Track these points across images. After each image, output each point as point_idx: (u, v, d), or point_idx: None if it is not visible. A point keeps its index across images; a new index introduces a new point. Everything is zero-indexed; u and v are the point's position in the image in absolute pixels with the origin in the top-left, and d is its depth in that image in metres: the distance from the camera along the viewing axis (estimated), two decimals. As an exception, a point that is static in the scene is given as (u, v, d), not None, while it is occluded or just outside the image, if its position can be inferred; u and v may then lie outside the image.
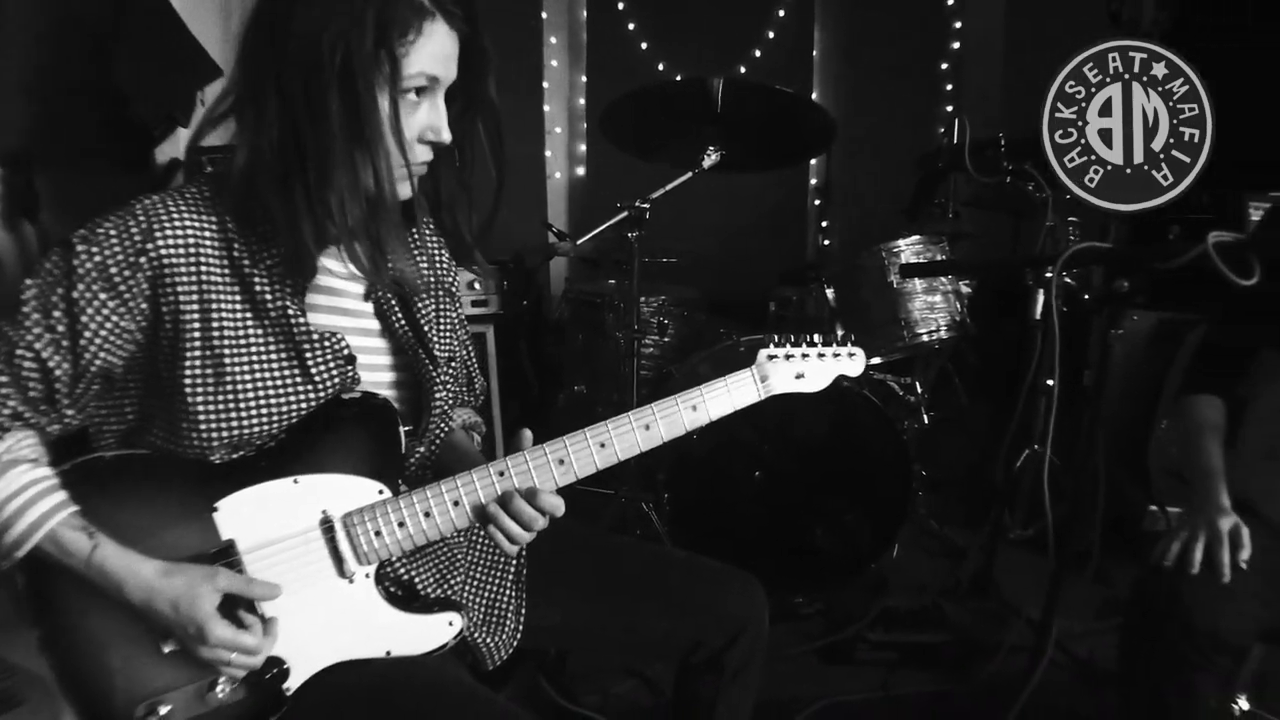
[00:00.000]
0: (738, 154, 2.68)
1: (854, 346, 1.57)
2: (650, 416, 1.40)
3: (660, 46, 4.90)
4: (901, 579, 3.02)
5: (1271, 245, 1.53)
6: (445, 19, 1.25)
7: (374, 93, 1.21)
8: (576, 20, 5.08)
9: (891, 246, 2.80)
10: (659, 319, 3.16)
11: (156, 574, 1.20)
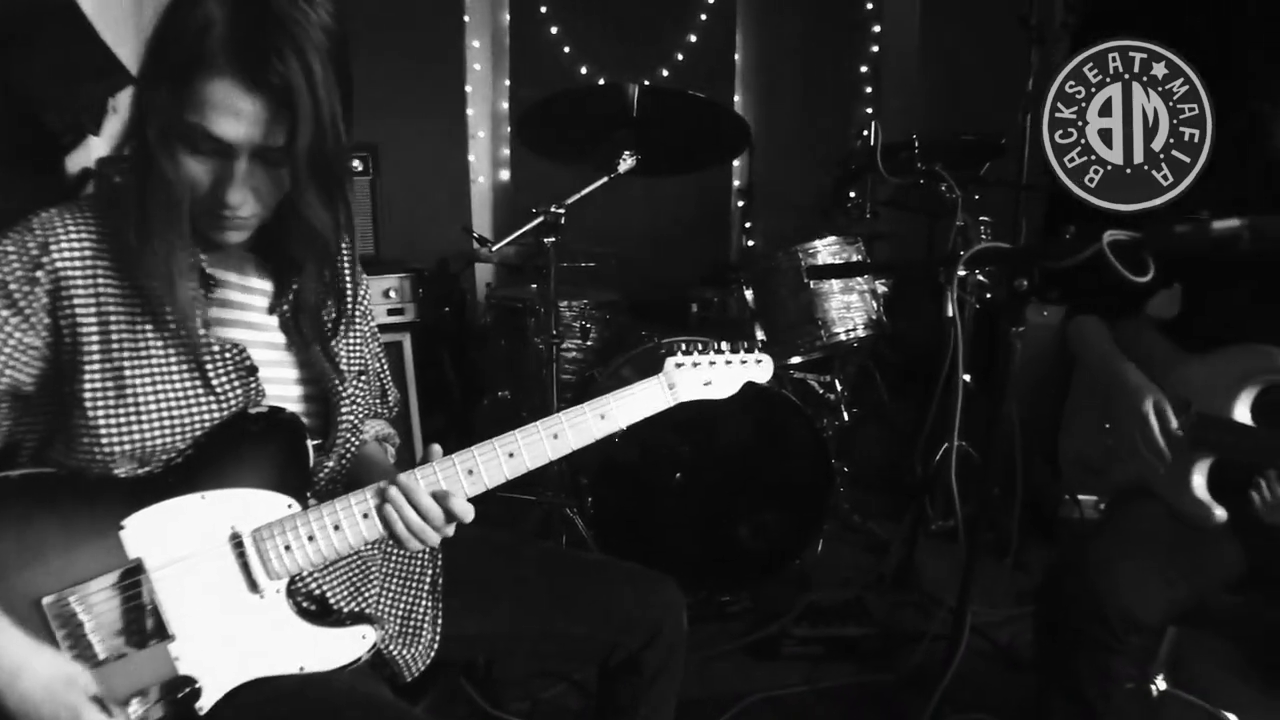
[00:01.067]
0: (654, 158, 2.70)
1: (761, 353, 1.59)
2: (559, 425, 1.41)
3: (583, 51, 4.91)
4: (826, 573, 3.07)
5: (1161, 239, 1.59)
6: (234, 76, 1.13)
7: (166, 144, 1.17)
8: (499, 24, 5.06)
9: (808, 247, 2.84)
10: (581, 323, 3.17)
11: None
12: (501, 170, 5.05)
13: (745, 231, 3.95)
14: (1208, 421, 1.85)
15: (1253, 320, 1.85)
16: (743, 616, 2.84)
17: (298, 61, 1.14)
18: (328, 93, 1.17)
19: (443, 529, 1.34)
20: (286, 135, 1.16)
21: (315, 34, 1.16)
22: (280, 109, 1.15)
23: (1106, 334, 2.12)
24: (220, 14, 1.13)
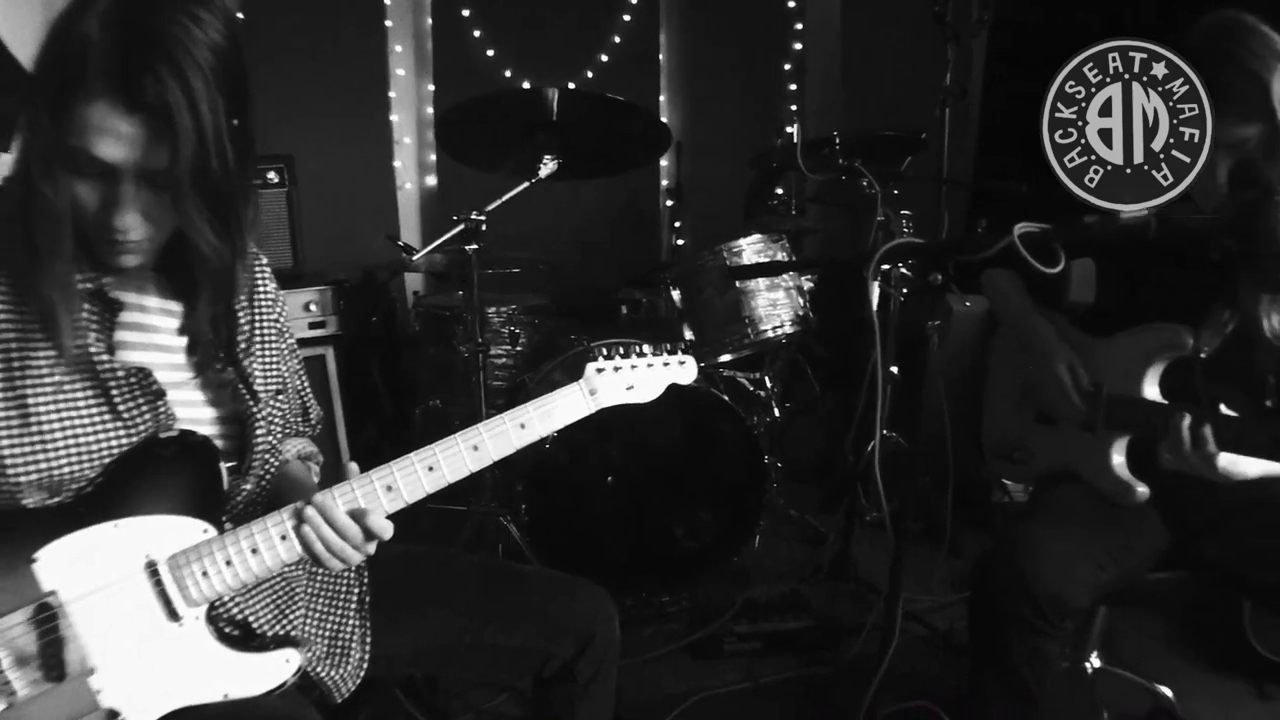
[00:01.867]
0: (575, 162, 2.69)
1: (685, 354, 1.59)
2: (478, 437, 1.40)
3: (506, 53, 4.87)
4: (764, 569, 3.10)
5: (1071, 231, 1.63)
6: (112, 97, 1.09)
7: (49, 167, 1.13)
8: (421, 29, 5.00)
9: (732, 246, 2.85)
10: (509, 328, 3.15)
11: None
12: (428, 176, 4.99)
13: (675, 231, 3.97)
14: (1119, 401, 1.90)
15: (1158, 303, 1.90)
16: (682, 616, 2.85)
17: (176, 80, 1.10)
18: (212, 111, 1.13)
19: (363, 548, 1.32)
20: (169, 156, 1.13)
21: (199, 51, 1.12)
22: (161, 130, 1.11)
23: (1021, 285, 2.19)
24: (98, 33, 1.09)
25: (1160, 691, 2.53)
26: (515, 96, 2.85)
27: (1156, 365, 1.89)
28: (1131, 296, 2.00)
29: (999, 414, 2.26)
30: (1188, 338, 1.82)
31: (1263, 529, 1.88)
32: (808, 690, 2.58)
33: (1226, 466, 1.73)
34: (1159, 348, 1.88)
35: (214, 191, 1.18)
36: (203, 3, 1.15)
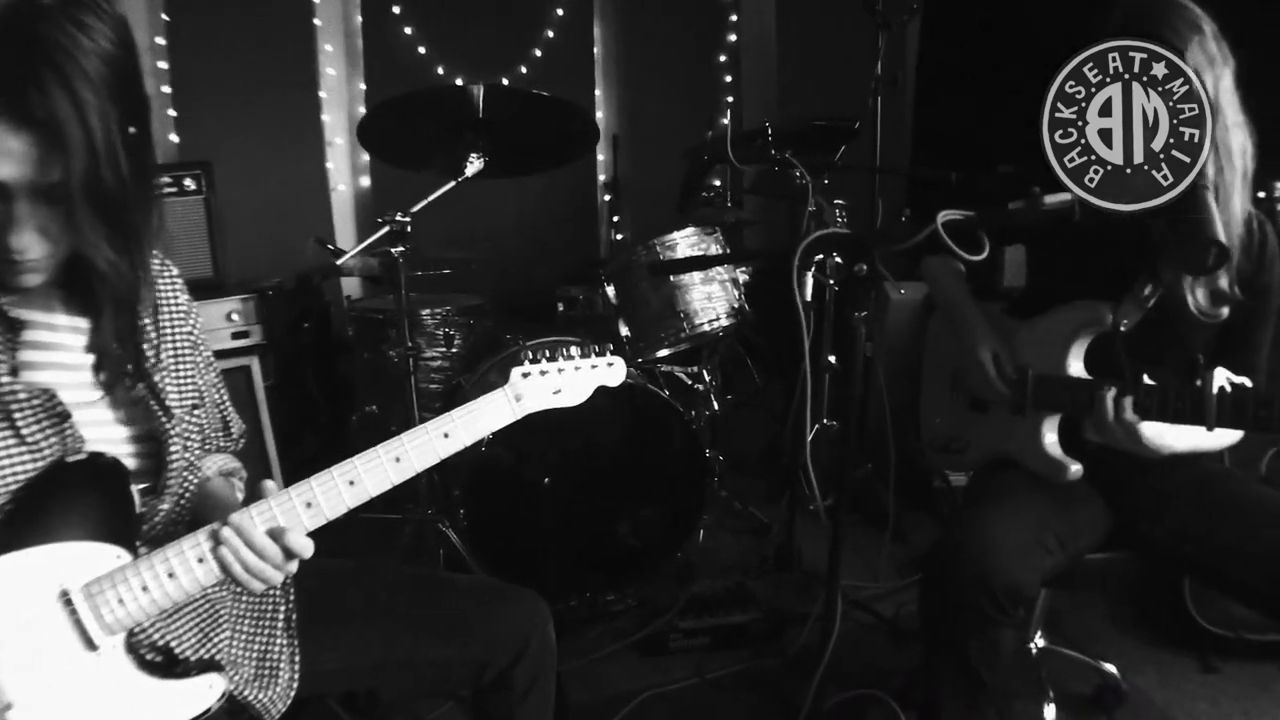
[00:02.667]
0: (503, 160, 2.65)
1: (613, 355, 1.57)
2: (401, 448, 1.37)
3: (438, 50, 4.82)
4: (710, 563, 3.09)
5: (996, 218, 1.63)
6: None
7: None
8: (352, 27, 4.93)
9: (666, 240, 2.84)
10: (444, 330, 3.10)
11: None
12: (362, 177, 4.92)
13: (614, 225, 3.94)
14: (1045, 381, 1.92)
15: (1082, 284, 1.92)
16: (629, 615, 2.83)
17: (63, 92, 1.06)
18: (103, 122, 1.09)
19: (283, 567, 1.28)
20: (61, 171, 1.08)
21: (87, 61, 1.08)
22: (51, 144, 1.07)
23: (957, 272, 2.21)
24: None
25: (1105, 669, 2.57)
26: (440, 94, 2.80)
27: (1079, 342, 1.91)
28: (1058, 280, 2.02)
29: (934, 402, 2.27)
30: (1106, 313, 1.84)
31: (1198, 508, 1.91)
32: (756, 683, 2.58)
33: (1151, 438, 1.75)
34: (1080, 325, 1.90)
35: (109, 204, 1.14)
36: (90, 9, 1.11)
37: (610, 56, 5.08)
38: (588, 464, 2.73)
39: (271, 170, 4.48)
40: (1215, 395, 1.62)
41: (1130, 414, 1.73)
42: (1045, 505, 1.91)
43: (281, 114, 4.58)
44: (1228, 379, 1.65)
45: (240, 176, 4.27)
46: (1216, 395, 1.62)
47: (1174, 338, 1.89)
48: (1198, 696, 2.57)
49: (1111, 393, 1.74)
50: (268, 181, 4.43)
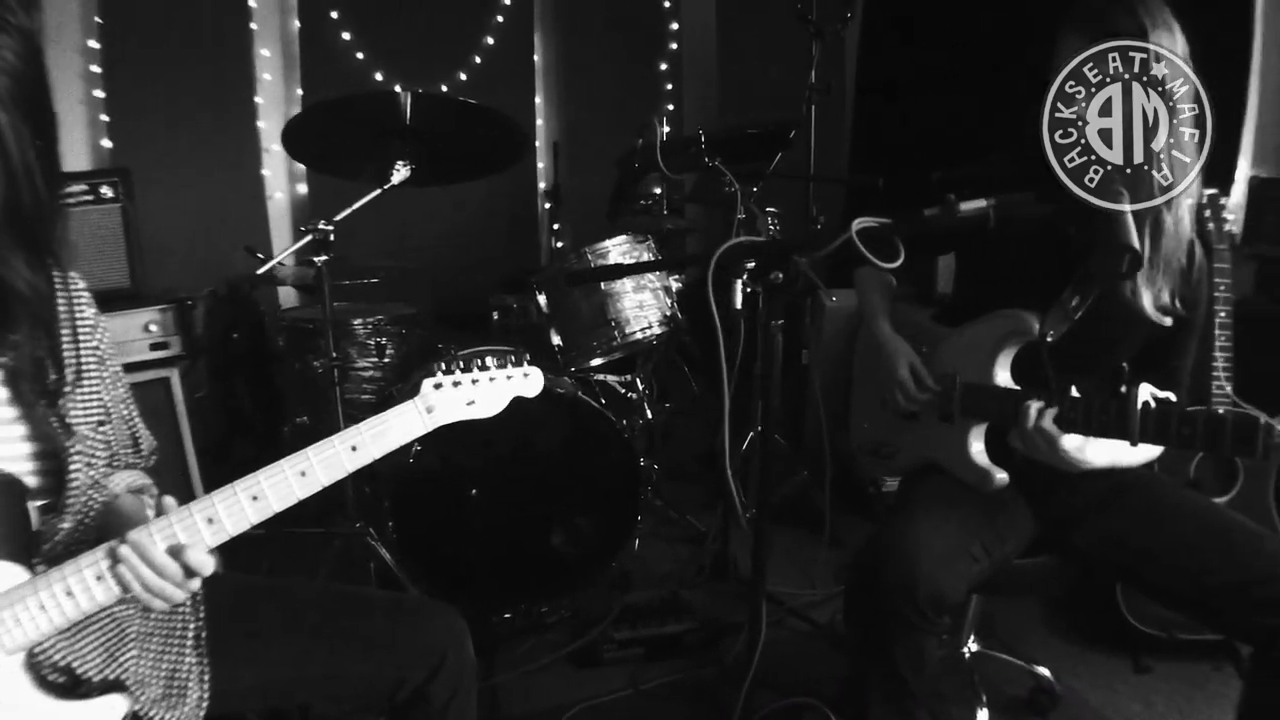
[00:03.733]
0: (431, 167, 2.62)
1: (530, 366, 1.55)
2: (306, 462, 1.34)
3: (377, 56, 4.76)
4: (646, 572, 3.07)
5: (911, 224, 1.63)
6: None
7: None
8: (289, 32, 4.86)
9: (598, 248, 2.82)
10: (376, 340, 3.06)
11: None
12: (299, 184, 4.84)
13: (554, 233, 3.92)
14: (972, 390, 1.92)
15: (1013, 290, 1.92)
16: (563, 626, 2.80)
17: None
18: (19, 143, 1.07)
19: (184, 585, 1.25)
20: None
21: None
22: None
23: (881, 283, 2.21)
24: None
25: (1039, 671, 2.58)
26: (367, 100, 2.75)
27: (1006, 352, 1.91)
28: (985, 287, 2.03)
29: (864, 409, 2.27)
30: (1033, 323, 1.83)
31: (1121, 514, 1.92)
32: (691, 693, 2.56)
33: (1071, 451, 1.75)
34: (1006, 334, 1.90)
35: (27, 225, 1.12)
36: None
37: (551, 64, 5.06)
38: (520, 474, 2.70)
39: (206, 177, 4.40)
40: (1139, 410, 1.62)
41: (1051, 426, 1.73)
42: (971, 512, 1.91)
43: (217, 119, 4.49)
44: (1152, 394, 1.66)
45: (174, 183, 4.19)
46: (1140, 410, 1.62)
47: (1102, 348, 1.91)
48: (1131, 697, 2.60)
49: (1036, 404, 1.75)
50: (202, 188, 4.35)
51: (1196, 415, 1.59)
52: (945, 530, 1.83)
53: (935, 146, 3.92)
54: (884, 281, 2.22)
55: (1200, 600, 1.85)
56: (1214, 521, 1.86)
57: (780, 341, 1.69)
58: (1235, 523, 1.86)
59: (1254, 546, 1.77)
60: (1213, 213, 2.55)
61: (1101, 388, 1.74)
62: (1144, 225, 1.80)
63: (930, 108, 4.00)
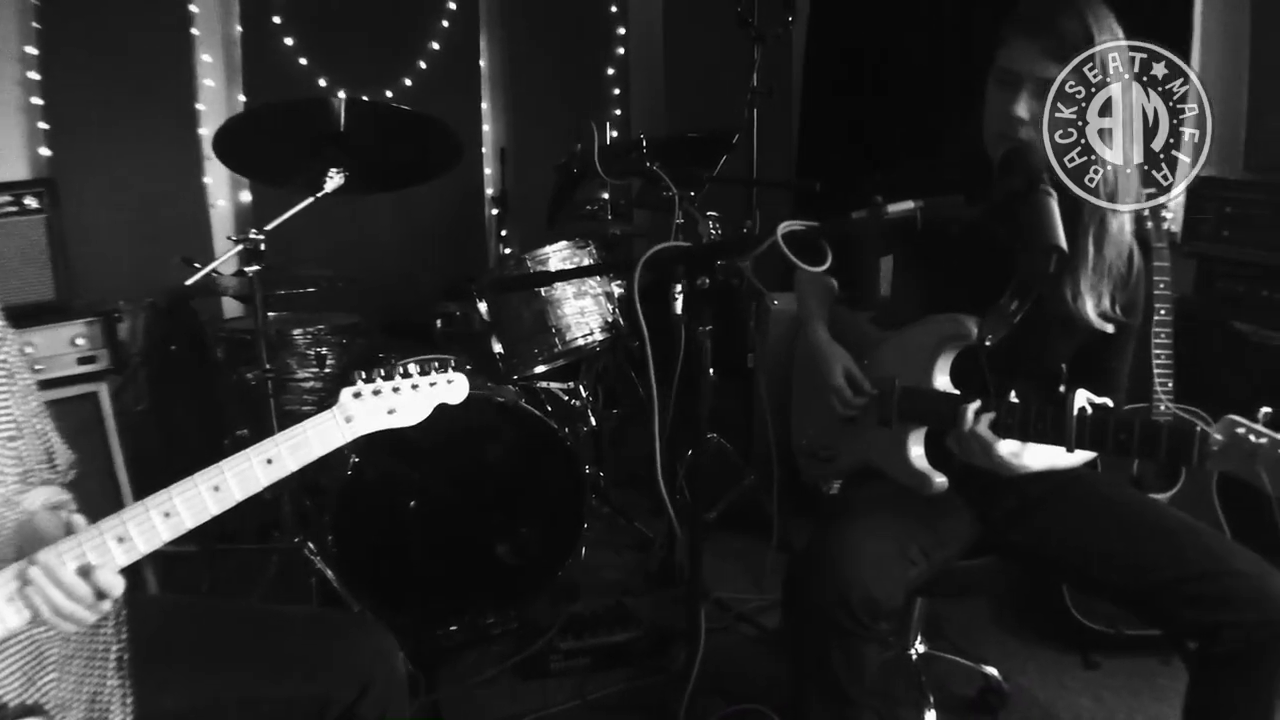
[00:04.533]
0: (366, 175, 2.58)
1: (455, 372, 1.52)
2: (220, 476, 1.31)
3: (320, 62, 4.69)
4: (594, 580, 3.04)
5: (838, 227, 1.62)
6: None
7: None
8: (230, 36, 4.78)
9: (538, 254, 2.79)
10: (316, 350, 3.01)
11: None
12: (242, 192, 4.76)
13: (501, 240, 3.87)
14: (910, 393, 1.91)
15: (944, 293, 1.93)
16: (509, 637, 2.76)
17: None
18: None
19: (95, 607, 1.22)
20: None
21: None
22: None
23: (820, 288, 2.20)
24: None
25: (987, 671, 2.59)
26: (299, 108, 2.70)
27: (945, 356, 1.91)
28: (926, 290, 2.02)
29: (804, 413, 2.27)
30: (971, 327, 1.83)
31: (1061, 514, 1.93)
32: (639, 702, 2.54)
33: (1007, 456, 1.75)
34: (944, 338, 1.89)
35: None
36: None
37: (497, 69, 5.01)
38: (463, 484, 2.67)
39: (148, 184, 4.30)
40: (1075, 416, 1.62)
41: (987, 431, 1.73)
42: (910, 516, 1.90)
43: (158, 126, 4.40)
44: (1088, 400, 1.66)
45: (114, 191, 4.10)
46: (1077, 417, 1.62)
47: (1041, 352, 1.91)
48: (1080, 693, 2.62)
49: (973, 408, 1.74)
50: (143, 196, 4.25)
51: (1133, 422, 1.60)
52: (881, 535, 1.82)
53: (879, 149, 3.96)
54: (823, 285, 2.21)
55: (1141, 598, 1.86)
56: (1152, 519, 1.87)
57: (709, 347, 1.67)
58: (1174, 520, 1.88)
59: (1192, 543, 1.78)
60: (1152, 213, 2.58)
61: (1039, 392, 1.75)
62: (1089, 231, 1.81)
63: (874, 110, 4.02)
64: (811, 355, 2.12)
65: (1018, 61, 1.72)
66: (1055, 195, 1.59)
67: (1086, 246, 1.80)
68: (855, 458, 2.09)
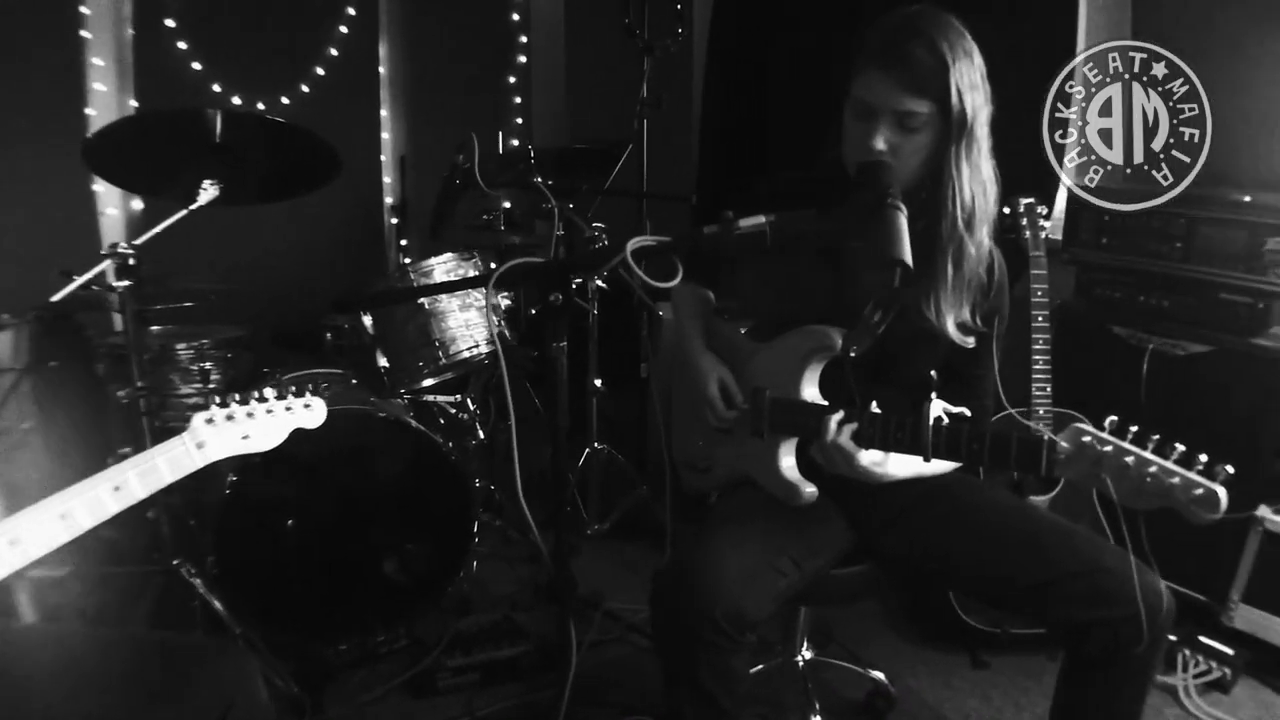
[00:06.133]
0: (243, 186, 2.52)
1: (313, 397, 1.51)
2: (67, 504, 1.29)
3: (214, 67, 4.58)
4: (486, 594, 3.01)
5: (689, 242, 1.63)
6: None
7: None
8: (123, 40, 4.64)
9: (422, 266, 2.76)
10: (199, 365, 2.93)
11: None
12: (134, 201, 4.63)
13: (401, 250, 3.83)
14: (779, 405, 1.93)
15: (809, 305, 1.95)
16: (400, 655, 2.72)
17: None
18: None
19: None
20: None
21: None
22: None
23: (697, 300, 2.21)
24: None
25: (873, 675, 2.63)
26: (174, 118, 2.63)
27: (813, 367, 1.93)
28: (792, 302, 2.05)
29: (683, 423, 2.27)
30: (836, 338, 1.85)
31: (930, 519, 1.96)
32: (530, 715, 2.52)
33: (869, 466, 1.78)
34: (810, 350, 1.91)
35: None
36: None
37: (397, 76, 4.95)
38: (347, 501, 2.62)
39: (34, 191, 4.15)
40: (931, 427, 1.65)
41: (848, 442, 1.75)
42: (781, 526, 1.91)
43: (45, 132, 4.25)
44: (945, 409, 1.69)
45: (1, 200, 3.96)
46: (932, 427, 1.65)
47: (906, 362, 1.94)
48: (969, 694, 2.67)
49: (836, 419, 1.76)
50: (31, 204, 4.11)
51: (984, 433, 1.63)
52: (747, 546, 1.83)
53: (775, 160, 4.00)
54: (699, 297, 2.22)
55: (1013, 601, 1.90)
56: (1019, 522, 1.90)
57: (564, 363, 1.66)
58: (1043, 521, 1.91)
59: (1060, 544, 1.81)
60: (1029, 221, 2.64)
61: (902, 402, 1.78)
62: (948, 250, 1.84)
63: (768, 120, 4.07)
64: (686, 368, 2.14)
65: (873, 94, 1.75)
66: (904, 211, 1.62)
67: (945, 264, 1.84)
68: (731, 469, 2.11)
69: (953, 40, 1.73)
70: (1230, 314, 2.72)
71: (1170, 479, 1.40)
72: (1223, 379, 2.77)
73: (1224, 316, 2.73)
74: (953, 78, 1.71)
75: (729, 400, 2.03)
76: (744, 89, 4.34)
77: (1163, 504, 1.43)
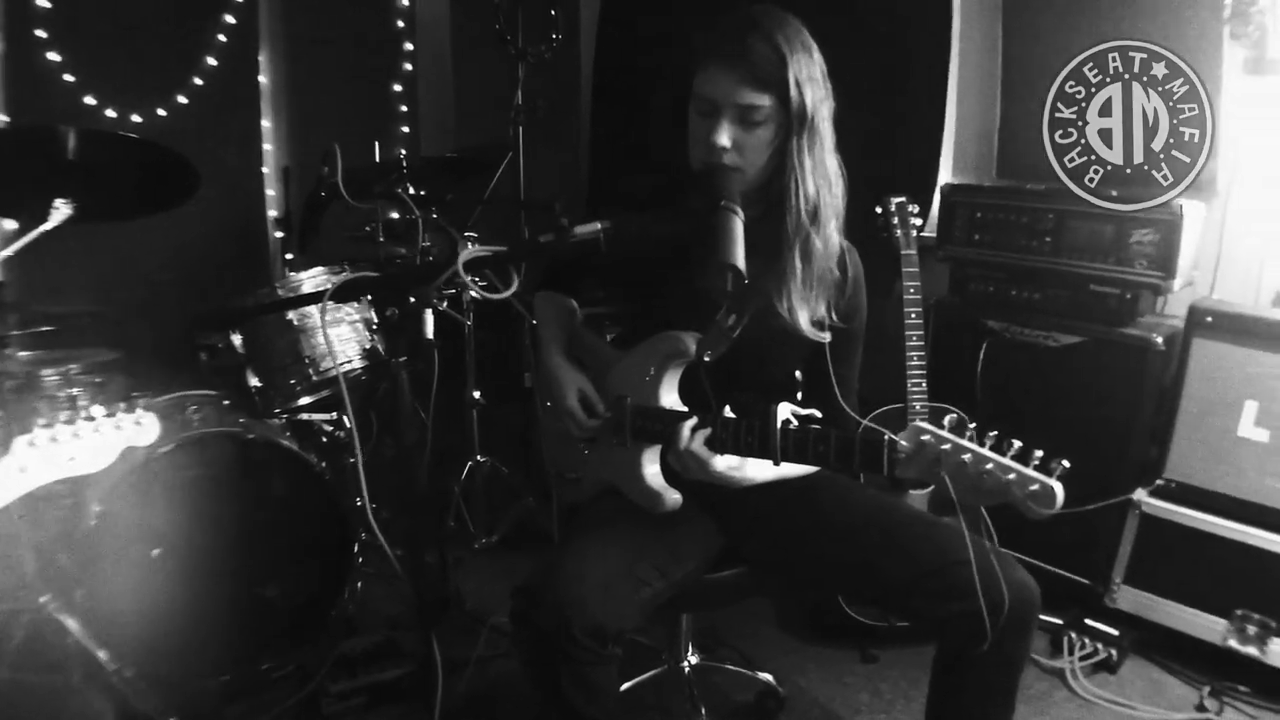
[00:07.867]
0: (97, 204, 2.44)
1: (145, 413, 1.47)
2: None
3: (87, 78, 4.42)
4: (372, 615, 2.95)
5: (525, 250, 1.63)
6: None
7: None
8: (-11, 51, 4.46)
9: (289, 281, 2.70)
10: (66, 391, 2.81)
11: None
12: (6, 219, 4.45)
13: (287, 264, 3.74)
14: (639, 412, 1.93)
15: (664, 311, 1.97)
16: (287, 682, 2.65)
17: None
18: None
19: None
20: None
21: None
22: None
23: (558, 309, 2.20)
24: None
25: (761, 677, 2.65)
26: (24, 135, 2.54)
27: (670, 373, 1.93)
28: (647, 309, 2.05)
29: (550, 434, 2.26)
30: (690, 344, 1.85)
31: (792, 521, 1.98)
32: (415, 734, 2.49)
33: (724, 471, 1.79)
34: (666, 356, 1.92)
35: None
36: None
37: (279, 85, 4.83)
38: (220, 526, 2.55)
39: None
40: (779, 430, 1.66)
41: (702, 447, 1.76)
42: (643, 535, 1.91)
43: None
44: (793, 413, 1.70)
45: None
46: (780, 430, 1.67)
47: (766, 364, 1.95)
48: (860, 688, 2.70)
49: (689, 425, 1.77)
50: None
51: (829, 435, 1.65)
52: (606, 556, 1.82)
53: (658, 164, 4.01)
54: (560, 306, 2.21)
55: (882, 599, 1.92)
56: (881, 519, 1.92)
57: (405, 380, 1.64)
58: (907, 517, 1.93)
59: (922, 538, 1.84)
60: (900, 219, 2.69)
61: (759, 405, 1.79)
62: (795, 246, 1.86)
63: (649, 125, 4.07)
64: (546, 379, 2.13)
65: (715, 89, 1.77)
66: (740, 215, 1.63)
67: (794, 261, 1.86)
68: (598, 478, 2.10)
69: (790, 35, 1.77)
70: (1100, 305, 2.81)
71: (1006, 475, 1.43)
72: (1096, 368, 2.87)
73: (1094, 308, 2.82)
74: (791, 71, 1.74)
75: (590, 409, 2.02)
76: (629, 96, 4.35)
77: (1002, 500, 1.45)
